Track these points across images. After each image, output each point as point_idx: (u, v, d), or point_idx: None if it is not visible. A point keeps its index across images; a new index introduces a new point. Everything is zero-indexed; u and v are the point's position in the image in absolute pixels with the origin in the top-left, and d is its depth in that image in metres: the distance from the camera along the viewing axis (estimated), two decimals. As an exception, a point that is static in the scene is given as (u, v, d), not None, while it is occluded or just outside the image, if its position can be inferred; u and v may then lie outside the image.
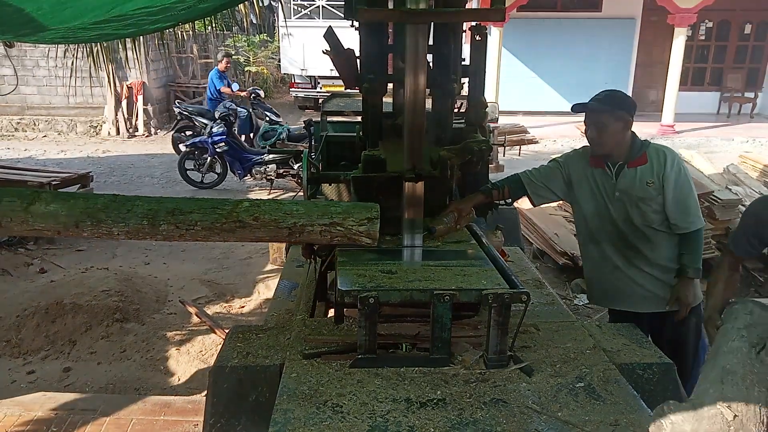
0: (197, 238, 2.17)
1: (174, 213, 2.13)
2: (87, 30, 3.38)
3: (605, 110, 2.46)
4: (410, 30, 2.05)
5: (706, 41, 14.45)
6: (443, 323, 1.97)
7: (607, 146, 2.49)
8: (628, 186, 2.48)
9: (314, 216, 2.18)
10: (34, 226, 2.13)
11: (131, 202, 2.15)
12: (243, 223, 2.14)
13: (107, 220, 2.11)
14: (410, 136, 2.19)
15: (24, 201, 2.12)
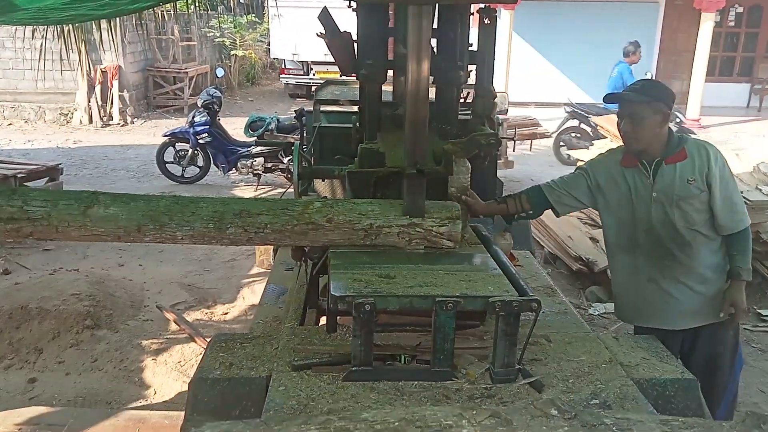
0: (266, 242, 2.23)
1: (241, 215, 2.17)
2: (59, 10, 3.38)
3: (642, 101, 2.42)
4: (413, 12, 2.05)
5: (736, 28, 14.48)
6: (446, 333, 1.97)
7: (642, 141, 2.45)
8: (667, 185, 2.46)
9: (391, 216, 2.23)
10: (93, 231, 2.16)
11: (195, 204, 2.18)
12: (315, 225, 2.19)
13: (171, 224, 2.15)
14: (412, 128, 2.19)
15: (81, 204, 2.14)
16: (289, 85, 14.80)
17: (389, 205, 2.28)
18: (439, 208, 2.29)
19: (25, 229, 2.17)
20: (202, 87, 12.72)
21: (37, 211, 2.14)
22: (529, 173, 8.60)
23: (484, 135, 2.52)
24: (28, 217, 2.14)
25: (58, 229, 2.15)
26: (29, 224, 2.15)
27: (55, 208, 2.15)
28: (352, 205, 2.28)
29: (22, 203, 2.14)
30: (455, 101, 2.74)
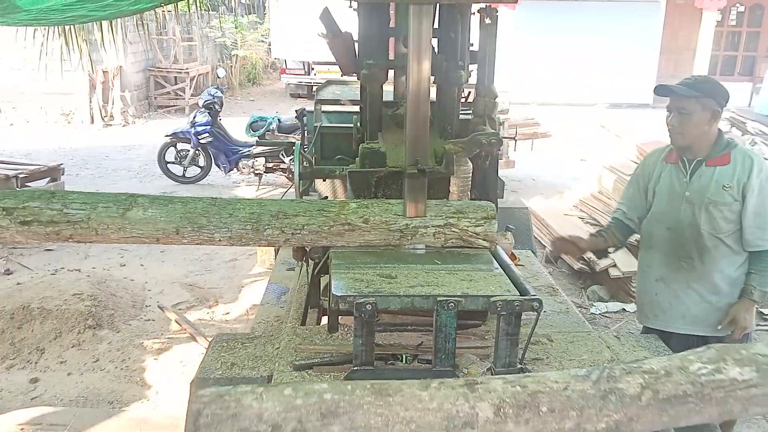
0: (303, 243, 2.23)
1: (278, 216, 2.18)
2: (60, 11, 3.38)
3: (692, 96, 2.37)
4: (414, 11, 2.05)
5: (738, 27, 14.48)
6: (447, 333, 1.97)
7: (688, 137, 2.41)
8: (702, 186, 2.43)
9: (428, 217, 2.23)
10: (132, 234, 2.17)
11: (232, 206, 2.19)
12: (352, 225, 2.20)
13: (209, 226, 2.16)
14: (413, 127, 2.19)
15: (120, 207, 2.16)
16: (290, 85, 14.80)
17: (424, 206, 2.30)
18: (475, 208, 2.30)
19: (65, 232, 2.18)
20: (204, 87, 12.75)
21: (76, 213, 2.15)
22: (530, 173, 8.60)
23: (486, 134, 2.52)
24: (68, 220, 2.15)
25: (98, 231, 2.17)
26: (69, 227, 2.16)
27: (94, 210, 2.16)
28: (388, 205, 2.29)
29: (62, 206, 2.15)
30: (456, 101, 2.74)
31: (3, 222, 2.16)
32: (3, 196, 2.22)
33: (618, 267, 4.57)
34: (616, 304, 4.61)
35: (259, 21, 17.02)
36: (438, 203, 2.33)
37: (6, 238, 2.22)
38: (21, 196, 2.21)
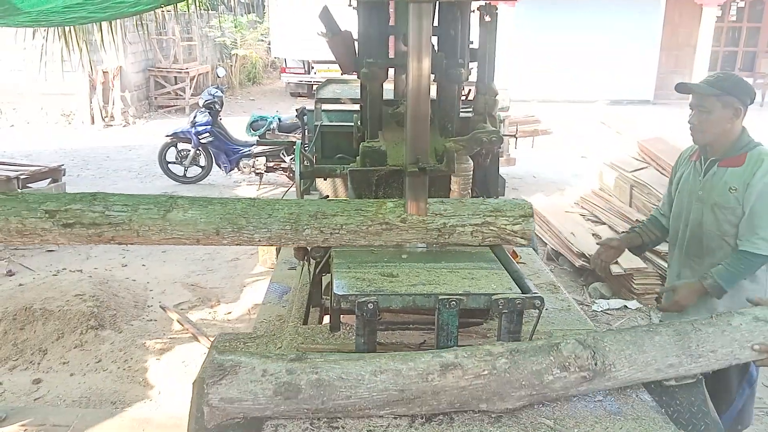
0: (341, 242, 2.23)
1: (317, 216, 2.20)
2: (60, 13, 3.38)
3: (712, 93, 2.34)
4: (413, 9, 2.04)
5: (738, 22, 14.45)
6: (449, 331, 1.97)
7: (708, 135, 2.38)
8: (711, 187, 2.40)
9: (465, 215, 2.24)
10: (173, 235, 2.18)
11: (270, 206, 2.21)
12: (390, 225, 2.21)
13: (248, 226, 2.17)
14: (413, 126, 2.18)
15: (161, 208, 2.17)
16: (290, 84, 14.80)
17: (461, 204, 2.30)
18: (512, 206, 2.31)
19: (107, 234, 2.19)
20: (204, 87, 12.75)
21: (118, 216, 2.16)
22: (530, 170, 8.60)
23: (486, 132, 2.52)
24: (110, 222, 2.16)
25: (139, 233, 2.18)
26: (111, 229, 2.17)
27: (135, 212, 2.17)
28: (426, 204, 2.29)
29: (104, 208, 2.17)
30: (456, 99, 2.74)
31: (46, 225, 2.18)
32: (45, 198, 2.24)
33: (619, 264, 4.57)
34: (618, 301, 4.61)
35: (258, 20, 17.01)
36: (475, 201, 2.34)
37: (49, 240, 2.24)
38: (63, 198, 2.23)
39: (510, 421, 1.76)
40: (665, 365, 1.83)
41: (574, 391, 1.79)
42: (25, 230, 2.19)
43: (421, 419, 1.77)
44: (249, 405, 1.73)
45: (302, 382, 1.74)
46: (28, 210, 2.18)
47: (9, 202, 2.21)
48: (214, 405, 1.74)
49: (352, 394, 1.73)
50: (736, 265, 2.35)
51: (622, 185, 5.44)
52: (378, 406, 1.73)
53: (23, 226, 2.18)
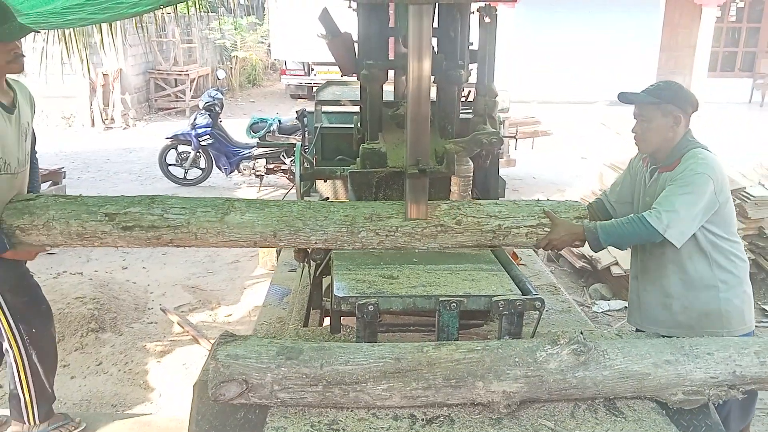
0: (396, 245, 2.25)
1: (372, 218, 2.22)
2: (59, 15, 3.38)
3: (651, 102, 2.36)
4: (413, 11, 2.05)
5: (737, 23, 14.46)
6: (450, 333, 1.97)
7: (651, 144, 2.39)
8: (654, 192, 2.39)
9: (520, 217, 2.27)
10: (231, 237, 2.21)
11: (326, 209, 2.23)
12: (445, 227, 2.22)
13: (305, 229, 2.20)
14: (413, 127, 2.19)
15: (219, 211, 2.20)
16: (290, 85, 14.80)
17: (515, 206, 2.32)
18: (567, 207, 2.33)
19: (166, 237, 2.22)
20: (204, 89, 12.75)
21: (176, 218, 2.19)
22: (531, 172, 8.60)
23: (486, 134, 2.52)
24: (168, 225, 2.19)
25: (197, 236, 2.20)
26: (170, 231, 2.20)
27: (193, 215, 2.20)
28: (479, 206, 2.30)
29: (162, 211, 2.20)
30: (456, 100, 2.74)
31: (105, 228, 2.20)
32: (104, 201, 2.26)
33: (620, 265, 4.57)
34: (618, 302, 4.60)
35: (258, 22, 17.02)
36: (529, 203, 2.36)
37: (108, 243, 2.26)
38: (122, 202, 2.25)
39: (511, 423, 1.76)
40: (662, 360, 1.83)
41: (572, 378, 1.78)
42: (86, 233, 2.22)
43: (421, 421, 1.76)
44: (252, 362, 1.76)
45: (304, 347, 1.81)
46: (88, 213, 2.21)
47: (69, 206, 2.24)
48: (220, 360, 1.77)
49: (350, 360, 1.77)
50: (624, 223, 2.30)
51: (622, 186, 5.43)
52: (375, 377, 1.74)
53: (83, 229, 2.21)
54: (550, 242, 2.34)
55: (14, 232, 2.27)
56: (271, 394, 1.77)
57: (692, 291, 2.36)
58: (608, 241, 2.30)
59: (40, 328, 2.62)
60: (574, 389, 1.80)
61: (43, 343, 2.64)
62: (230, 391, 1.77)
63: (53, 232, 2.23)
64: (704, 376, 1.85)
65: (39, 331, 2.61)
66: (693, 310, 2.37)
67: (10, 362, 2.62)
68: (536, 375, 1.77)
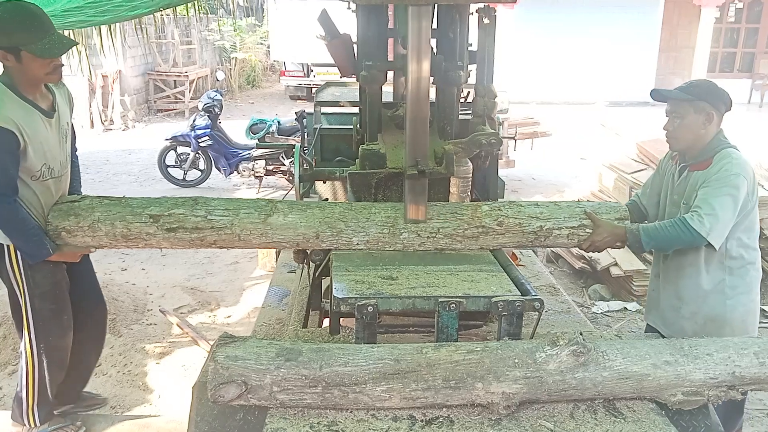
0: (437, 246, 2.25)
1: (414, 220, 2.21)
2: (59, 17, 3.38)
3: (684, 99, 2.35)
4: (412, 12, 2.05)
5: (736, 23, 14.47)
6: (449, 334, 1.97)
7: (681, 141, 2.39)
8: (683, 190, 2.40)
9: (561, 218, 2.27)
10: (273, 239, 2.22)
11: (368, 210, 2.24)
12: (486, 228, 2.23)
13: (347, 230, 2.21)
14: (412, 128, 2.19)
15: (262, 213, 2.21)
16: (290, 87, 14.80)
17: (556, 207, 2.32)
18: (608, 209, 2.34)
19: (209, 238, 2.23)
20: (203, 90, 12.76)
21: (220, 220, 2.19)
22: (530, 172, 8.60)
23: (485, 134, 2.52)
24: (212, 227, 2.20)
25: (241, 237, 2.21)
26: (213, 233, 2.21)
27: (236, 216, 2.20)
28: (520, 207, 2.31)
29: (206, 213, 2.21)
30: (456, 101, 2.74)
31: (150, 229, 2.21)
32: (148, 203, 2.26)
33: (619, 266, 4.57)
34: (618, 303, 4.60)
35: (257, 24, 17.03)
36: (570, 204, 2.37)
37: (152, 244, 2.27)
38: (165, 203, 2.25)
39: (510, 424, 1.76)
40: (661, 361, 1.83)
41: (572, 379, 1.78)
42: (131, 235, 2.23)
43: (421, 422, 1.76)
44: (251, 364, 1.76)
45: (304, 348, 1.81)
46: (132, 215, 2.22)
47: (114, 207, 2.24)
48: (219, 361, 1.77)
49: (350, 361, 1.76)
50: (667, 227, 2.28)
51: (621, 187, 5.44)
52: (374, 378, 1.74)
53: (128, 231, 2.22)
54: (593, 243, 2.34)
55: (60, 233, 2.28)
56: (270, 396, 1.77)
57: (702, 296, 2.37)
58: (650, 244, 2.30)
59: (56, 338, 2.61)
60: (574, 390, 1.80)
61: (56, 354, 2.64)
62: (229, 392, 1.76)
63: (98, 234, 2.24)
64: (704, 376, 1.84)
65: (54, 341, 2.61)
66: (699, 315, 2.38)
67: (22, 364, 2.63)
68: (536, 376, 1.77)
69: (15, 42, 2.23)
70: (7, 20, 2.24)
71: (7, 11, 2.25)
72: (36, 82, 2.36)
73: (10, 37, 2.23)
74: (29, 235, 2.29)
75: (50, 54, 2.28)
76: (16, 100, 2.29)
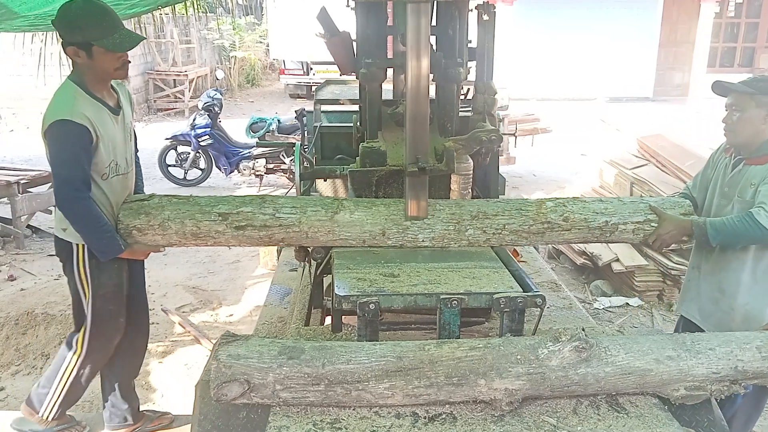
0: (503, 243, 2.26)
1: (478, 217, 2.24)
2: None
3: (746, 92, 2.34)
4: (411, 9, 2.04)
5: (736, 18, 14.44)
6: (451, 331, 1.97)
7: (740, 134, 2.37)
8: (735, 183, 2.39)
9: (626, 213, 2.28)
10: (340, 236, 2.23)
11: (432, 207, 2.25)
12: (552, 224, 2.24)
13: (412, 227, 2.22)
14: (412, 125, 2.18)
15: (328, 210, 2.22)
16: (289, 85, 14.80)
17: (620, 202, 2.34)
18: (672, 204, 2.36)
19: (277, 236, 2.24)
20: (203, 89, 12.75)
21: (288, 218, 2.21)
22: (530, 169, 8.59)
23: (486, 131, 2.52)
24: (280, 224, 2.21)
25: (308, 235, 2.22)
26: (281, 231, 2.22)
27: (304, 214, 2.22)
28: (585, 203, 2.32)
29: (274, 210, 2.22)
30: (456, 98, 2.73)
31: (219, 227, 2.23)
32: (217, 201, 2.28)
33: (621, 261, 4.57)
34: (620, 298, 4.61)
35: (256, 22, 17.02)
36: (635, 200, 2.37)
37: (221, 242, 2.28)
38: (233, 201, 2.27)
39: (513, 420, 1.76)
40: (664, 356, 1.83)
41: (574, 375, 1.78)
42: (200, 233, 2.25)
43: (424, 419, 1.77)
44: (254, 362, 1.77)
45: (306, 346, 1.82)
46: (201, 213, 2.23)
47: (183, 206, 2.26)
48: (222, 360, 1.78)
49: (352, 359, 1.77)
50: (735, 222, 2.28)
51: (622, 182, 5.44)
52: (377, 376, 1.74)
53: (198, 229, 2.24)
54: (659, 237, 2.35)
55: (131, 232, 2.30)
56: (273, 394, 1.77)
57: (744, 290, 2.36)
58: (717, 239, 2.29)
59: (106, 340, 2.63)
60: (576, 386, 1.80)
61: (98, 357, 2.65)
62: (232, 391, 1.77)
63: (168, 232, 2.26)
64: (706, 371, 1.84)
65: (104, 342, 2.62)
66: (737, 312, 2.37)
67: (63, 355, 2.64)
68: (538, 372, 1.77)
69: (88, 37, 2.26)
70: (80, 16, 2.27)
71: (79, 8, 2.28)
72: (105, 77, 2.39)
73: (83, 32, 2.26)
74: (102, 232, 2.31)
75: (121, 48, 2.30)
76: (87, 98, 2.33)
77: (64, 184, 2.27)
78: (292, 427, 1.72)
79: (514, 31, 12.29)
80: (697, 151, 5.17)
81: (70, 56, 2.33)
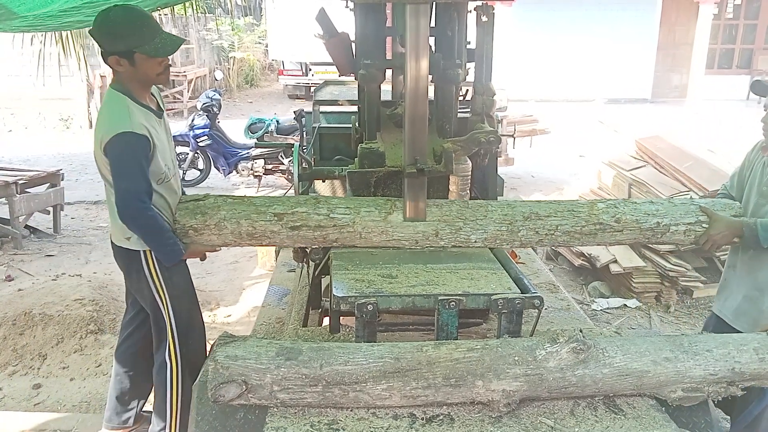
0: (555, 244, 2.28)
1: (531, 218, 2.24)
2: (56, 17, 3.38)
3: None
4: (410, 10, 2.05)
5: (734, 20, 14.46)
6: (449, 332, 1.97)
7: None
8: None
9: (678, 215, 2.29)
10: (393, 236, 2.24)
11: (484, 208, 2.26)
12: (604, 225, 2.24)
13: (465, 228, 2.22)
14: (411, 126, 2.19)
15: (382, 211, 2.23)
16: (288, 86, 14.79)
17: (670, 204, 2.35)
18: (722, 206, 2.36)
19: (332, 236, 2.25)
20: (201, 90, 12.75)
21: (342, 218, 2.22)
22: (529, 170, 8.60)
23: (484, 132, 2.52)
24: (335, 225, 2.22)
25: (362, 235, 2.23)
26: (335, 231, 2.23)
27: (358, 215, 2.23)
28: (635, 204, 2.34)
29: (328, 211, 2.23)
30: (454, 99, 2.73)
31: (275, 227, 2.24)
32: (272, 202, 2.29)
33: (618, 263, 4.57)
34: (618, 300, 4.61)
35: (255, 23, 17.00)
36: (685, 202, 2.38)
37: (276, 242, 2.30)
38: (288, 202, 2.28)
39: (510, 421, 1.76)
40: (661, 358, 1.84)
41: (572, 376, 1.78)
42: (256, 233, 2.26)
43: (421, 420, 1.77)
44: (252, 363, 1.77)
45: (304, 347, 1.82)
46: (257, 213, 2.25)
47: (239, 206, 2.27)
48: (220, 361, 1.78)
49: (350, 360, 1.77)
50: None
51: (620, 184, 5.44)
52: (375, 377, 1.74)
53: (254, 229, 2.25)
54: (710, 238, 2.36)
55: (187, 232, 2.31)
56: (270, 395, 1.77)
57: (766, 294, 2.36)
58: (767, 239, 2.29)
59: (195, 341, 2.57)
60: (574, 387, 1.80)
61: (194, 360, 2.53)
62: (230, 392, 1.77)
63: (224, 232, 2.27)
64: (703, 373, 1.85)
65: (194, 344, 2.56)
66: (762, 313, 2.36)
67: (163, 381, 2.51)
68: (536, 373, 1.77)
69: (130, 45, 2.23)
70: (120, 24, 2.23)
71: (118, 16, 2.23)
72: (148, 83, 2.38)
73: (125, 40, 2.23)
74: (165, 239, 2.29)
75: (164, 53, 2.28)
76: (137, 107, 2.31)
77: (130, 197, 2.23)
78: (289, 428, 1.72)
79: (513, 32, 12.29)
80: (696, 152, 5.17)
81: (111, 65, 2.30)
